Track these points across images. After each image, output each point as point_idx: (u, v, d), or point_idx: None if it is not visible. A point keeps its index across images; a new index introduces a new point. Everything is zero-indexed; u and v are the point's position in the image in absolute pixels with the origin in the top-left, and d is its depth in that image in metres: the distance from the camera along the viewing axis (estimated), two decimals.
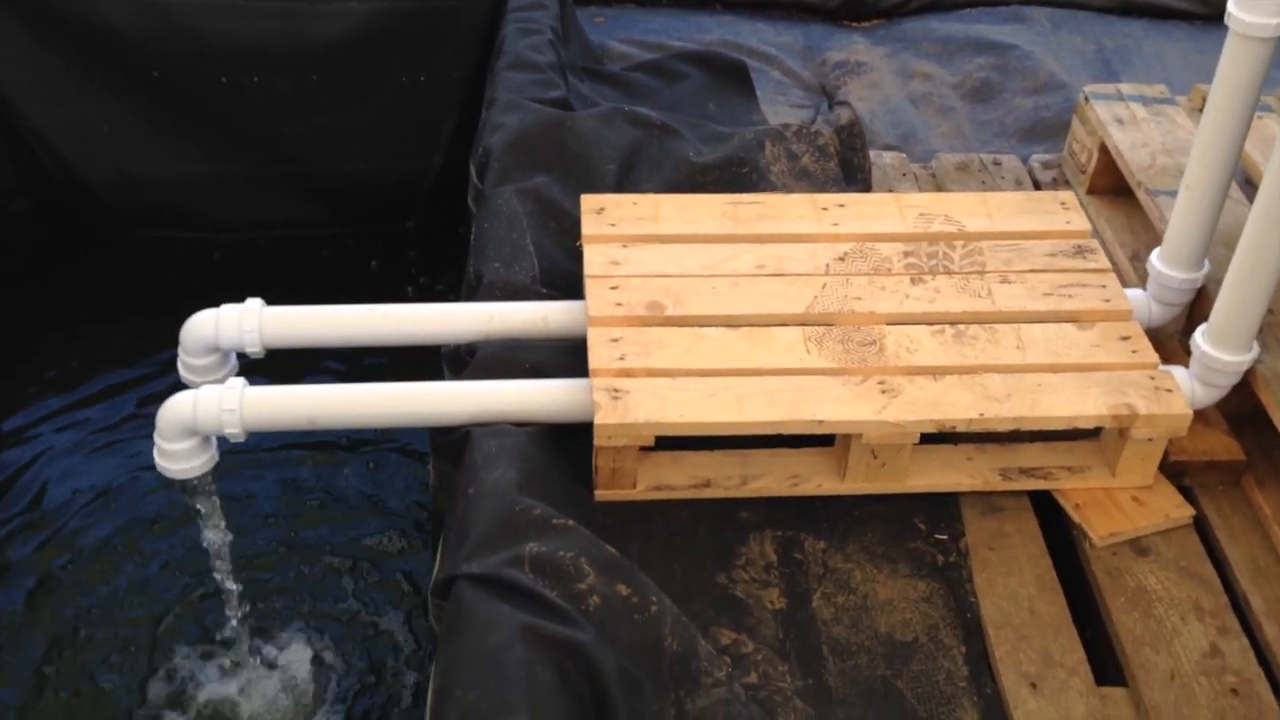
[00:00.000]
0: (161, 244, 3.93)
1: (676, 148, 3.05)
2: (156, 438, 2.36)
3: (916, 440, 2.26)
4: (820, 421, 2.23)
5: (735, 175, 2.99)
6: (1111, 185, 3.02)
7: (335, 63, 3.61)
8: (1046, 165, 3.24)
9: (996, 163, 3.26)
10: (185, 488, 2.44)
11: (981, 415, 2.23)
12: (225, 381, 2.38)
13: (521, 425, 2.31)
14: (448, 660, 1.95)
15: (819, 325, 2.41)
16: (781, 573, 2.24)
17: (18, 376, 3.51)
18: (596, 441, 2.23)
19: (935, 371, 2.31)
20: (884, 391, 2.27)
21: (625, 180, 2.95)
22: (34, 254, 3.81)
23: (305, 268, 3.94)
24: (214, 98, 3.65)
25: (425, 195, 3.96)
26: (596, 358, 2.32)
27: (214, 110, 3.69)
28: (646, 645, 2.02)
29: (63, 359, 3.59)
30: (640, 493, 2.33)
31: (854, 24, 4.23)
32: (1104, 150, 3.00)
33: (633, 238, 2.58)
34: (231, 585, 2.68)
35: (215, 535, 2.55)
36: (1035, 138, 3.57)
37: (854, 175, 3.07)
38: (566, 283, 2.69)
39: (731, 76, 3.64)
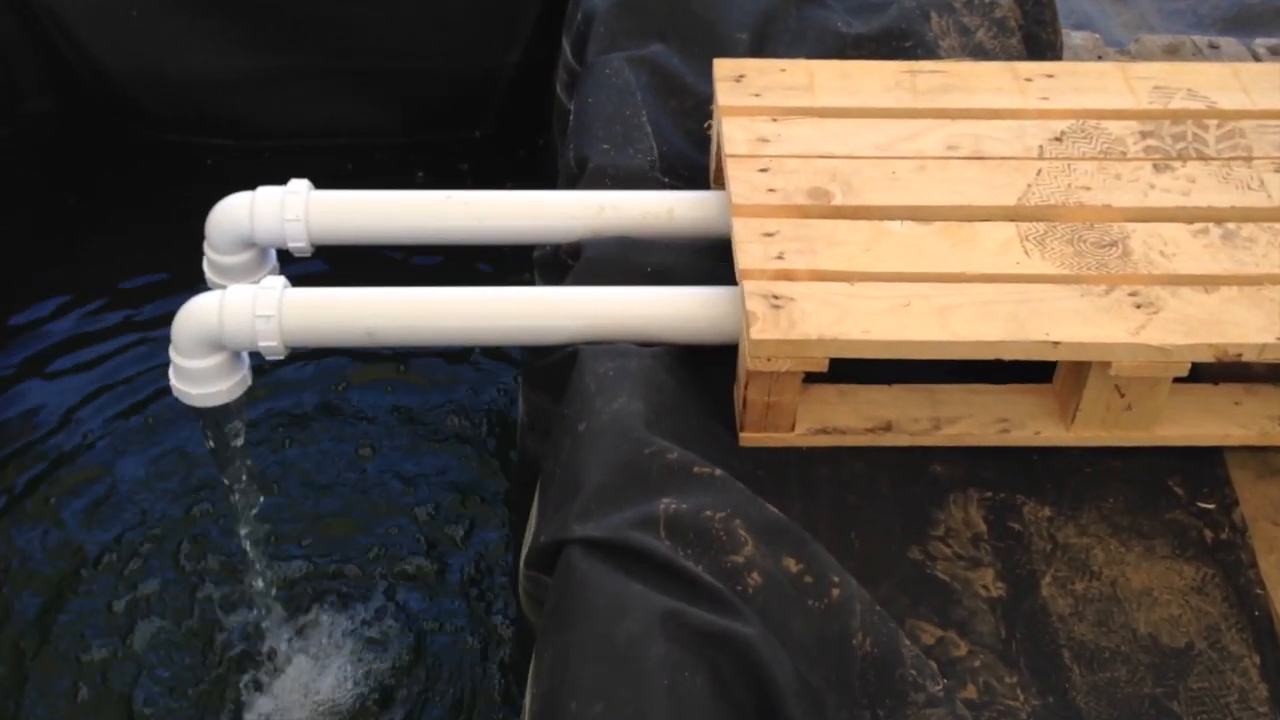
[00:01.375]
0: (194, 151, 3.41)
1: (821, 17, 2.46)
2: (172, 352, 1.83)
3: (1185, 372, 1.67)
4: (1056, 344, 1.64)
5: (895, 50, 2.39)
6: None
7: None
8: (1274, 51, 2.62)
9: (1213, 46, 2.64)
10: (208, 419, 1.91)
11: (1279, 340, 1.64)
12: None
13: (645, 346, 1.76)
14: (557, 657, 1.40)
15: (1037, 220, 1.82)
16: (995, 548, 1.67)
17: (28, 302, 3.06)
18: (749, 365, 1.67)
19: (1206, 282, 1.72)
20: (1138, 306, 1.68)
21: (759, 54, 2.37)
22: (56, 162, 3.30)
23: (346, 180, 3.40)
24: None
25: (499, 99, 3.39)
26: (747, 256, 1.75)
27: None
28: (828, 643, 1.47)
29: (83, 277, 3.14)
30: (800, 436, 1.76)
31: None
32: None
33: (784, 110, 2.00)
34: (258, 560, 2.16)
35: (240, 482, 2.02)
36: (1239, 28, 2.92)
37: (1041, 54, 2.46)
38: (691, 173, 2.14)
39: None
